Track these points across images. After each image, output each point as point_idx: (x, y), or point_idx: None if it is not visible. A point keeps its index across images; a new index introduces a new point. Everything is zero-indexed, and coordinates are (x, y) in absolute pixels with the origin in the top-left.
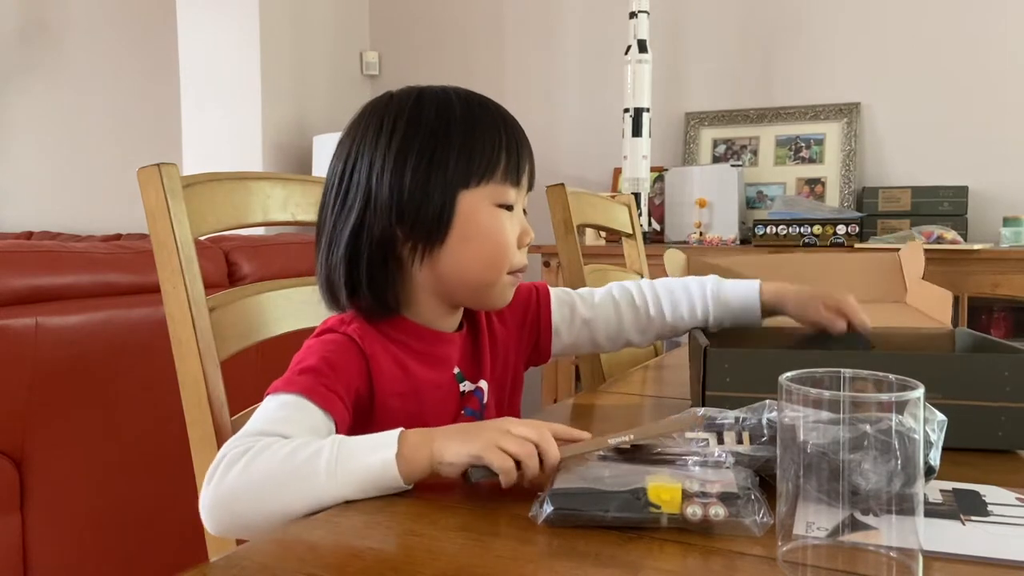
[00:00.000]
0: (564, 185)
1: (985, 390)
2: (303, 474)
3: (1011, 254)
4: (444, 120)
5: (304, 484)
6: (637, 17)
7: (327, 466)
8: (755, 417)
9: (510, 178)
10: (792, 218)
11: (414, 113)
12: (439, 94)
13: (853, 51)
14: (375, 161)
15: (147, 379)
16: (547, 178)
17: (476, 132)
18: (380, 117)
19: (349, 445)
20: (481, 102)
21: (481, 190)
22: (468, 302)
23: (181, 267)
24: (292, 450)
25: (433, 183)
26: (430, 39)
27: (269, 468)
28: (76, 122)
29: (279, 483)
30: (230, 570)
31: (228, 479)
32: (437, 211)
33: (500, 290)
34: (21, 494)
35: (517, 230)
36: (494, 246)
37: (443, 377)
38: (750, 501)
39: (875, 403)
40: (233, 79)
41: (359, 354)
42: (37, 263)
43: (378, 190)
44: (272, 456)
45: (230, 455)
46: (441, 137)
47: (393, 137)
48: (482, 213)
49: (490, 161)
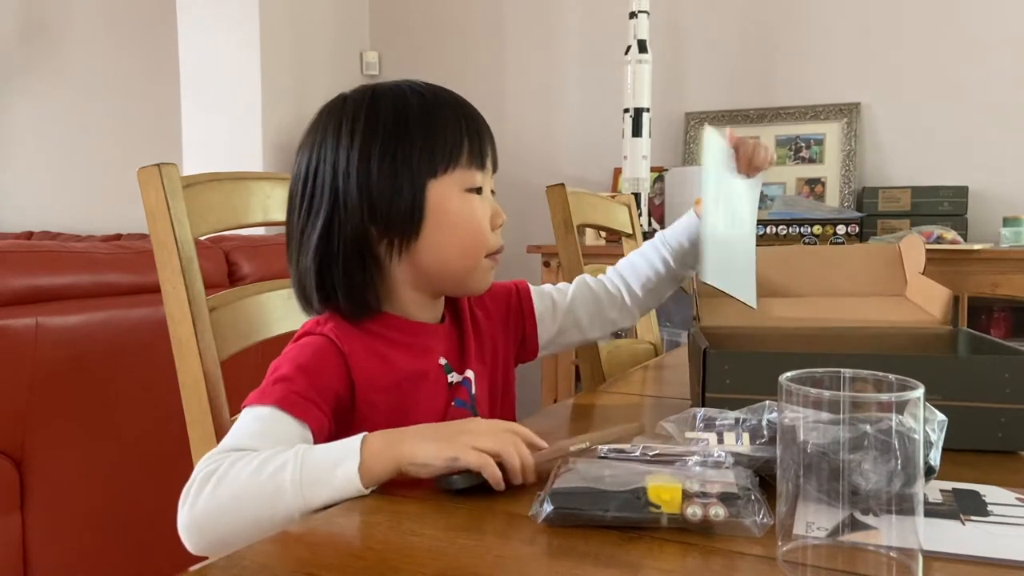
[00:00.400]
0: (564, 185)
1: (985, 391)
2: (269, 492)
3: (1011, 254)
4: (402, 114)
5: (272, 502)
6: (637, 17)
7: (292, 483)
8: (755, 418)
9: (475, 162)
10: (792, 218)
11: (371, 111)
12: (393, 89)
13: (853, 51)
14: (339, 162)
15: (147, 379)
16: (547, 178)
17: (435, 121)
18: (338, 119)
19: (313, 457)
20: (436, 92)
21: (448, 177)
22: (449, 290)
23: (181, 267)
24: (257, 467)
25: (401, 177)
26: (430, 39)
27: (235, 489)
28: (76, 122)
29: (247, 503)
30: (230, 570)
31: (199, 502)
32: (408, 204)
33: (480, 275)
34: (21, 494)
35: (488, 212)
36: (469, 231)
37: (428, 368)
38: (750, 501)
39: (875, 403)
40: (233, 79)
41: (337, 354)
42: (37, 263)
43: (346, 191)
44: (238, 475)
45: (200, 476)
46: (402, 131)
47: (355, 137)
48: (453, 200)
49: (453, 148)
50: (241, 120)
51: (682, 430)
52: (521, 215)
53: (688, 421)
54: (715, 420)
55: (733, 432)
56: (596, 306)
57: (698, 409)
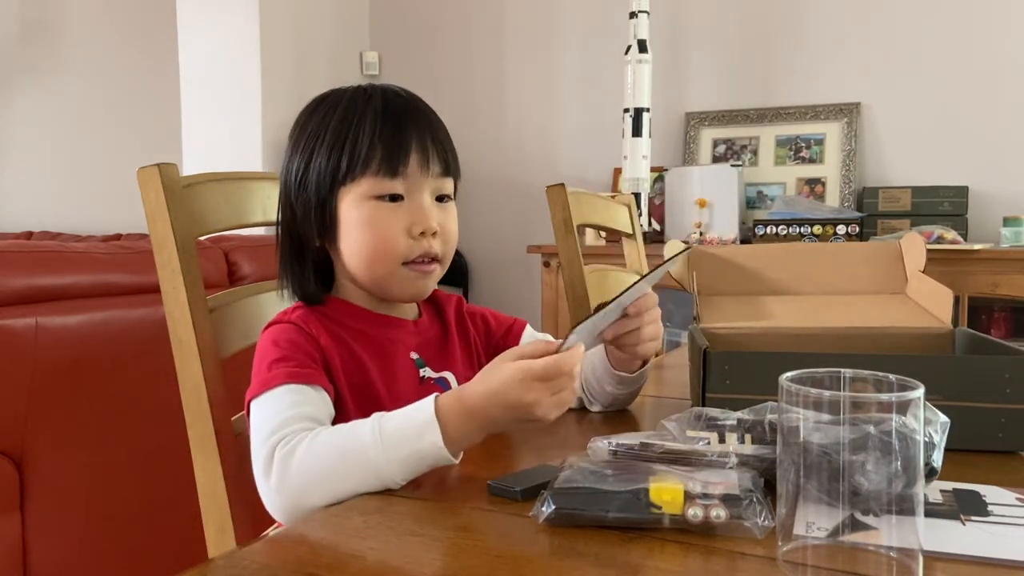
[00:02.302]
0: (564, 185)
1: (985, 392)
2: (357, 465)
3: (1011, 254)
4: (324, 121)
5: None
6: (637, 17)
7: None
8: (757, 418)
9: (388, 170)
10: (792, 218)
11: (303, 117)
12: (336, 93)
13: (853, 51)
14: (288, 164)
15: (147, 379)
16: (547, 178)
17: (350, 129)
18: (297, 121)
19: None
20: (368, 95)
21: (357, 186)
22: (376, 293)
23: (181, 267)
24: (338, 443)
25: (313, 184)
26: (430, 39)
27: (325, 464)
28: (76, 122)
29: (340, 475)
30: (230, 570)
31: (288, 477)
32: (320, 210)
33: (400, 283)
34: (21, 494)
35: (404, 221)
36: (373, 238)
37: (394, 358)
38: (752, 503)
39: (875, 403)
40: (233, 79)
41: (308, 335)
42: (37, 263)
43: (286, 192)
44: (321, 449)
45: (277, 452)
46: (319, 138)
47: (293, 140)
48: (358, 208)
49: (363, 156)
50: (241, 120)
51: (683, 429)
52: (521, 215)
53: (689, 420)
54: (716, 420)
55: (735, 432)
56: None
57: (700, 409)
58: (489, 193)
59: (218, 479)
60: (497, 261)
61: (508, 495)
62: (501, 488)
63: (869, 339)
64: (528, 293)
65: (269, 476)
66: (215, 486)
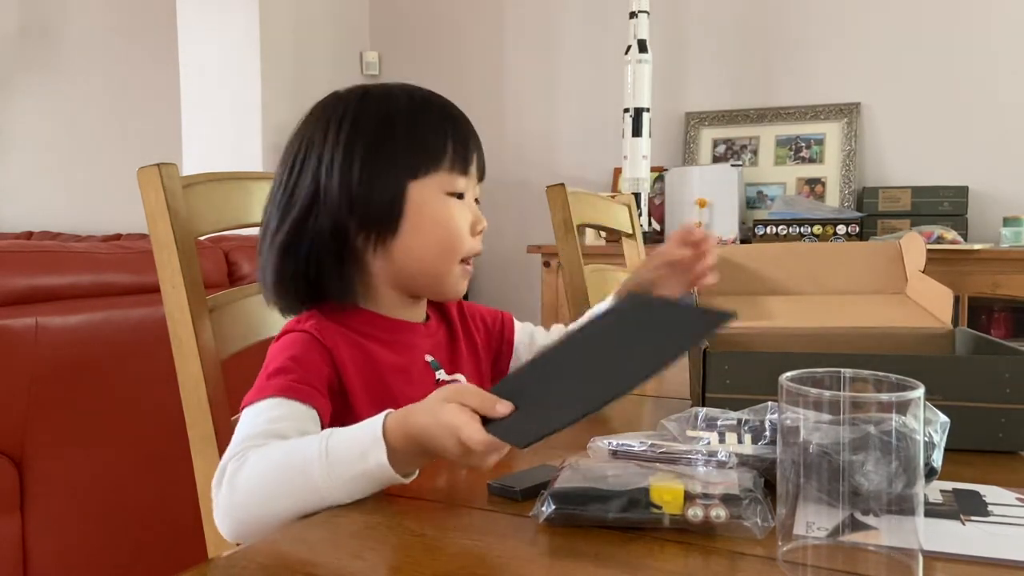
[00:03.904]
0: (564, 185)
1: (985, 392)
2: (299, 485)
3: (1011, 254)
4: (389, 113)
5: (306, 496)
6: (637, 17)
7: (322, 475)
8: (758, 418)
9: (458, 167)
10: (792, 218)
11: (360, 108)
12: (384, 89)
13: (853, 51)
14: (323, 157)
15: (147, 379)
16: (547, 178)
17: (421, 124)
18: (328, 114)
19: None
20: (426, 95)
21: (430, 180)
22: (423, 291)
23: (181, 267)
24: (283, 461)
25: (383, 175)
26: (430, 39)
27: (266, 482)
28: (76, 122)
29: (280, 495)
30: (230, 570)
31: (234, 494)
32: (388, 202)
33: (453, 279)
34: (21, 494)
35: (469, 218)
36: (446, 233)
37: (411, 363)
38: (752, 503)
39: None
40: (233, 79)
41: (321, 347)
42: (37, 263)
43: (327, 185)
44: (266, 467)
45: (230, 467)
46: (387, 130)
47: (340, 133)
48: (432, 202)
49: (437, 151)
50: (241, 120)
51: (683, 429)
52: (521, 215)
53: (689, 420)
54: (717, 420)
55: (735, 432)
56: None
57: (700, 408)
58: (489, 193)
59: None
60: (497, 261)
61: (508, 495)
62: (501, 488)
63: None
64: (528, 293)
65: (218, 493)
66: None
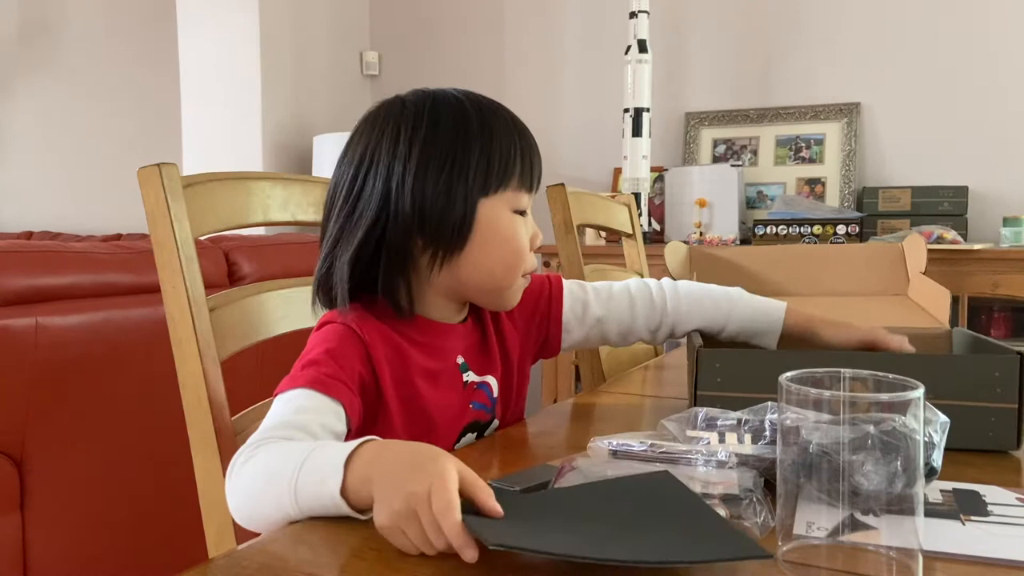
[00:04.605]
0: (564, 185)
1: (975, 390)
2: (271, 498)
3: (1011, 254)
4: (463, 128)
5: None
6: (637, 17)
7: (289, 493)
8: (757, 418)
9: (524, 184)
10: (792, 218)
11: (432, 120)
12: (452, 100)
13: (853, 51)
14: (394, 168)
15: (147, 379)
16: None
17: (493, 140)
18: (396, 124)
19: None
20: (493, 108)
21: (499, 197)
22: (481, 303)
23: (181, 267)
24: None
25: (455, 191)
26: (430, 39)
27: (255, 486)
28: (76, 122)
29: (264, 501)
30: (230, 570)
31: (233, 483)
32: (459, 219)
33: (513, 292)
34: (21, 494)
35: (530, 233)
36: (512, 251)
37: (442, 366)
38: (752, 503)
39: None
40: (233, 79)
41: (359, 342)
42: (37, 263)
43: (399, 198)
44: (260, 470)
45: (241, 457)
46: (461, 145)
47: (413, 145)
48: (501, 220)
49: (507, 168)
50: (241, 120)
51: (683, 429)
52: None
53: (689, 421)
54: (717, 420)
55: (735, 432)
56: (630, 325)
57: (699, 409)
58: None
59: (218, 479)
60: None
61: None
62: (502, 488)
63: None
64: None
65: (228, 477)
66: (215, 486)
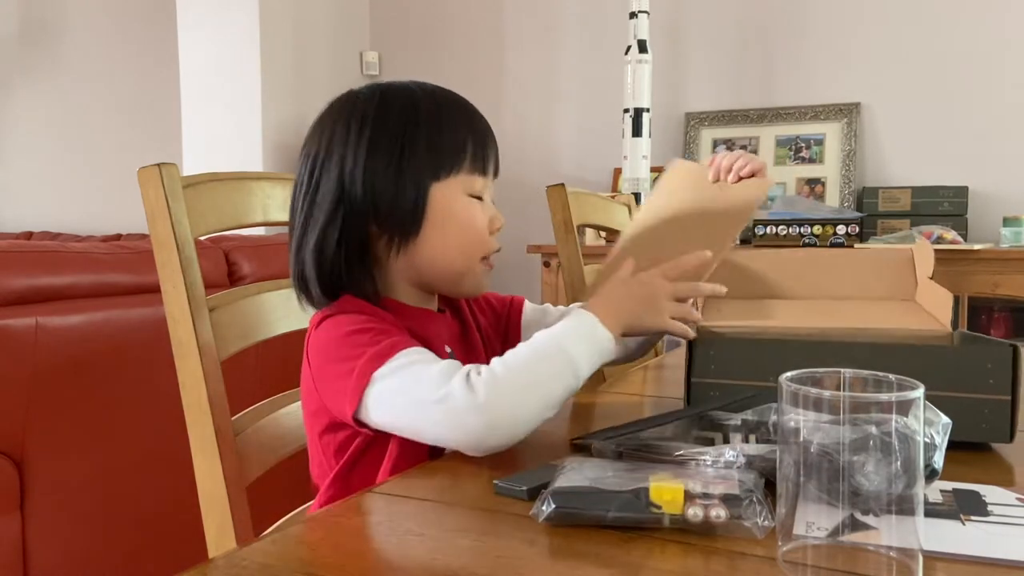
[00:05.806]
0: (564, 185)
1: (968, 383)
2: (555, 372)
3: (1011, 254)
4: (411, 115)
5: (564, 376)
6: (637, 17)
7: (566, 363)
8: (761, 419)
9: (477, 168)
10: (792, 218)
11: (381, 110)
12: (403, 90)
13: (853, 51)
14: (346, 159)
15: (147, 379)
16: (547, 178)
17: (442, 125)
18: (348, 115)
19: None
20: (446, 95)
21: (452, 181)
22: (444, 289)
23: (181, 267)
24: (533, 354)
25: (405, 178)
26: (430, 39)
27: (530, 369)
28: (76, 122)
29: (548, 376)
30: (230, 570)
31: (501, 389)
32: (411, 204)
33: (473, 277)
34: (21, 494)
35: (488, 216)
36: (468, 233)
37: (435, 352)
38: (752, 503)
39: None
40: (233, 79)
41: (374, 310)
42: (37, 263)
43: (351, 188)
44: (522, 361)
45: (480, 377)
46: (410, 132)
47: (362, 135)
48: (455, 203)
49: (458, 151)
50: (241, 119)
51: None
52: (521, 215)
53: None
54: (719, 420)
55: (738, 432)
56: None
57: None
58: None
59: (218, 479)
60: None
61: (514, 495)
62: (507, 488)
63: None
64: (528, 293)
65: (476, 395)
66: (215, 486)
